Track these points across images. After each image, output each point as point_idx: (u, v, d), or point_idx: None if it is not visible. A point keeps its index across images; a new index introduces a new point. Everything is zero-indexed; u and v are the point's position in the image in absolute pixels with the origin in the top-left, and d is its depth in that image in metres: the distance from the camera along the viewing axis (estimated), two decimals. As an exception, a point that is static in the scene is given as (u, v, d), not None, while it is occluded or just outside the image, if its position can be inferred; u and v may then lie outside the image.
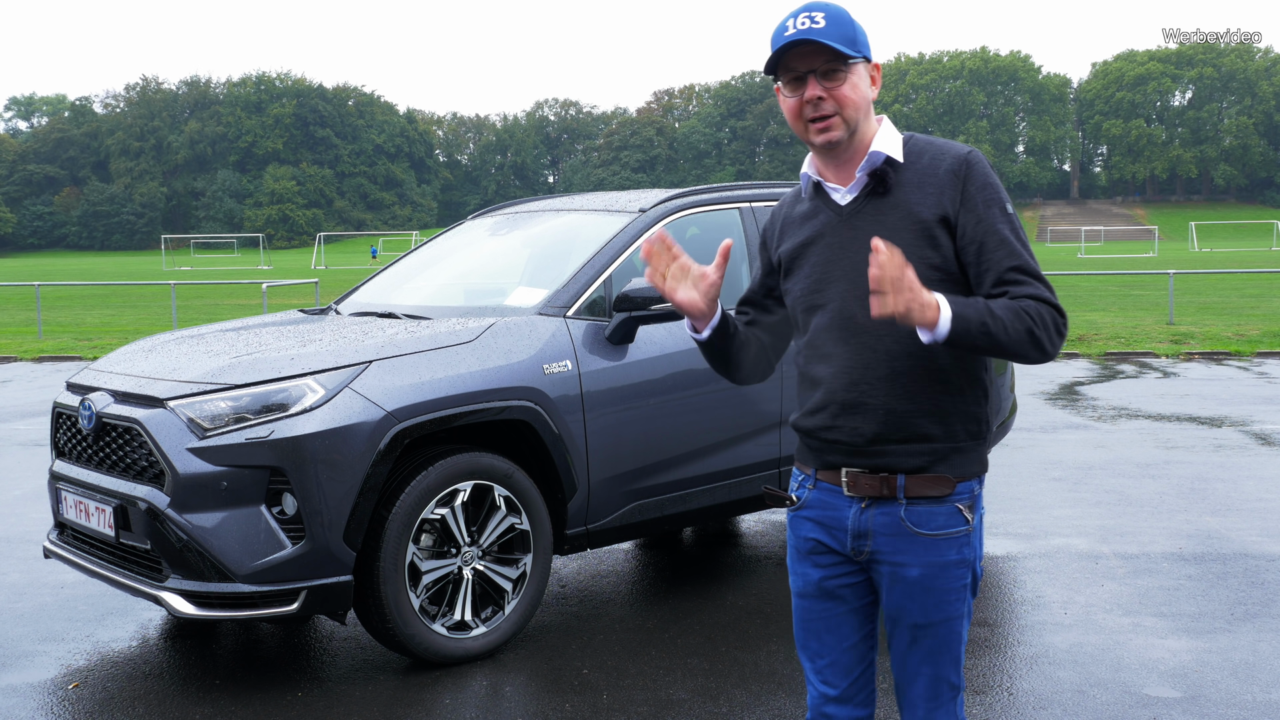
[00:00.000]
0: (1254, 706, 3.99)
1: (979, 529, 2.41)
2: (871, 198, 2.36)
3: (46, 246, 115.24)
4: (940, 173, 2.32)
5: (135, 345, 5.10)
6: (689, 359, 5.04)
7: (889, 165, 2.35)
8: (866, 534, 2.37)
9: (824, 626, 2.47)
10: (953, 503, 2.34)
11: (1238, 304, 22.35)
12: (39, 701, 4.22)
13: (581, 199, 5.93)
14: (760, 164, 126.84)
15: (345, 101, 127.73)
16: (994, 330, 2.18)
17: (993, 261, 2.27)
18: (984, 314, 2.19)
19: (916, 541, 2.33)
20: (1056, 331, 2.26)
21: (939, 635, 2.38)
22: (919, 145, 2.39)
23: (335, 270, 52.11)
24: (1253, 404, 10.70)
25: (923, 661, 2.40)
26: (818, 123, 2.33)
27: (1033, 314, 2.22)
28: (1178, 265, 37.65)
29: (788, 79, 2.34)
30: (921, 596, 2.35)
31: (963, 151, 2.34)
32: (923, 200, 2.31)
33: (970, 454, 2.36)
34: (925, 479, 2.32)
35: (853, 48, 2.30)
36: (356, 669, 4.48)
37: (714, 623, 4.93)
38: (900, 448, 2.32)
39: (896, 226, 2.31)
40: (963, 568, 2.37)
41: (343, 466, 4.11)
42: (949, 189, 2.30)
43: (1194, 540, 6.07)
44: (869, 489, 2.35)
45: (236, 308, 24.73)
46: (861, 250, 2.31)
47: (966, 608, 2.41)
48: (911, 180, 2.33)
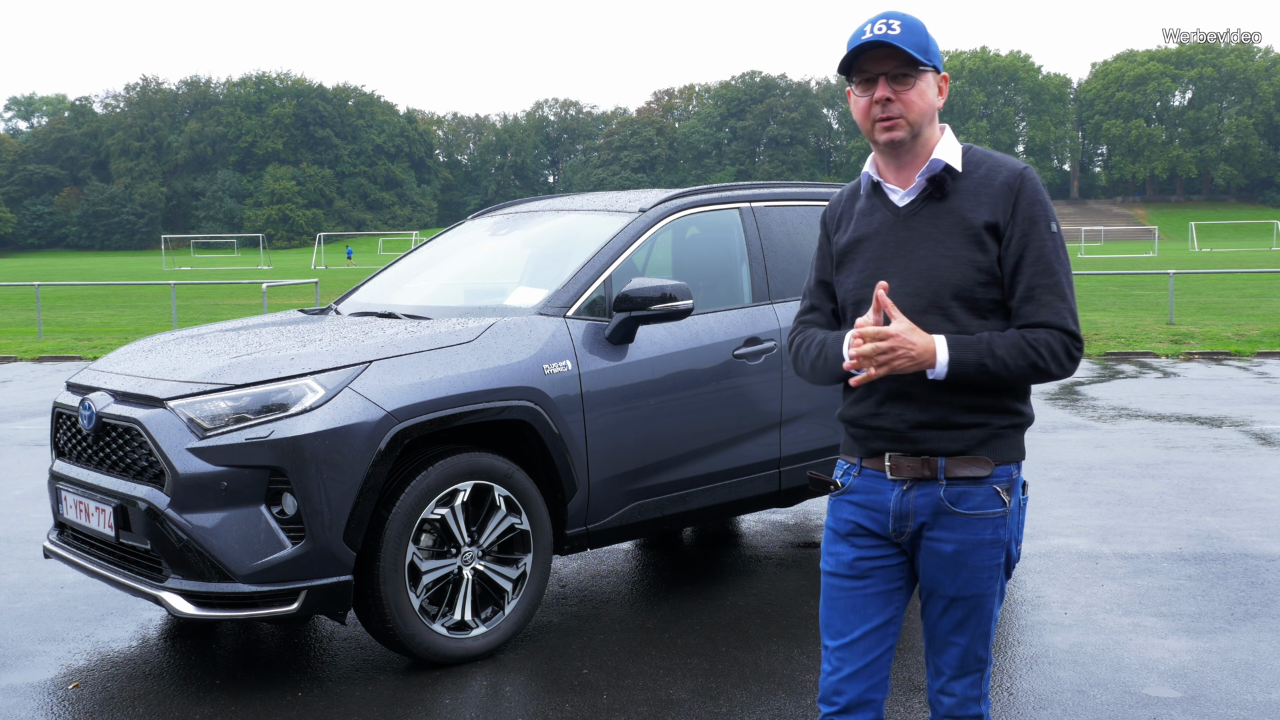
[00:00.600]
0: (1254, 706, 3.99)
1: (1017, 512, 2.53)
2: (928, 202, 2.51)
3: (46, 246, 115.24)
4: (995, 184, 2.47)
5: (135, 345, 5.10)
6: (689, 359, 5.04)
7: (947, 173, 2.51)
8: (908, 515, 2.51)
9: (849, 605, 2.58)
10: (990, 484, 2.48)
11: (1238, 304, 22.35)
12: (39, 701, 4.22)
13: (581, 199, 5.93)
14: (760, 164, 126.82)
15: (345, 101, 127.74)
16: (993, 369, 2.38)
17: (1026, 275, 2.43)
18: (983, 355, 2.38)
19: (954, 519, 2.48)
20: (1068, 356, 2.42)
21: (970, 609, 2.52)
22: (977, 156, 2.54)
23: (335, 270, 52.09)
24: (1253, 404, 10.70)
25: (952, 632, 2.55)
26: (884, 122, 2.48)
27: (1039, 346, 2.39)
28: (1178, 265, 37.65)
29: (860, 80, 2.50)
30: (955, 571, 2.50)
31: (1019, 167, 2.50)
32: (976, 208, 2.46)
33: (1008, 440, 2.49)
34: (964, 460, 2.46)
35: (925, 56, 2.46)
36: (356, 669, 4.48)
37: (714, 623, 4.93)
38: (942, 434, 2.46)
39: (950, 230, 2.47)
40: (996, 547, 2.50)
41: (343, 466, 4.11)
42: (1002, 200, 2.45)
43: (1194, 540, 6.07)
44: (910, 471, 2.49)
45: (236, 308, 24.73)
46: (915, 249, 2.49)
47: (999, 586, 2.54)
48: (968, 189, 2.49)
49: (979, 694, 2.59)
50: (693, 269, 5.54)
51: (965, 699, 2.58)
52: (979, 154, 2.54)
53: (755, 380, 5.23)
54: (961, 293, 2.43)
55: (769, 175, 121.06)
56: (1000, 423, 2.47)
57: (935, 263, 2.46)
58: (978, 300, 2.44)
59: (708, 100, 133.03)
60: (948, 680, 2.58)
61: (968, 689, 2.58)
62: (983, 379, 2.39)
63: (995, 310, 2.46)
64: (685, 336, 5.06)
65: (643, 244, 5.23)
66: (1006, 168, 2.49)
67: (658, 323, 4.90)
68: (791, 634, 4.77)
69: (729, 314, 5.27)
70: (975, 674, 2.58)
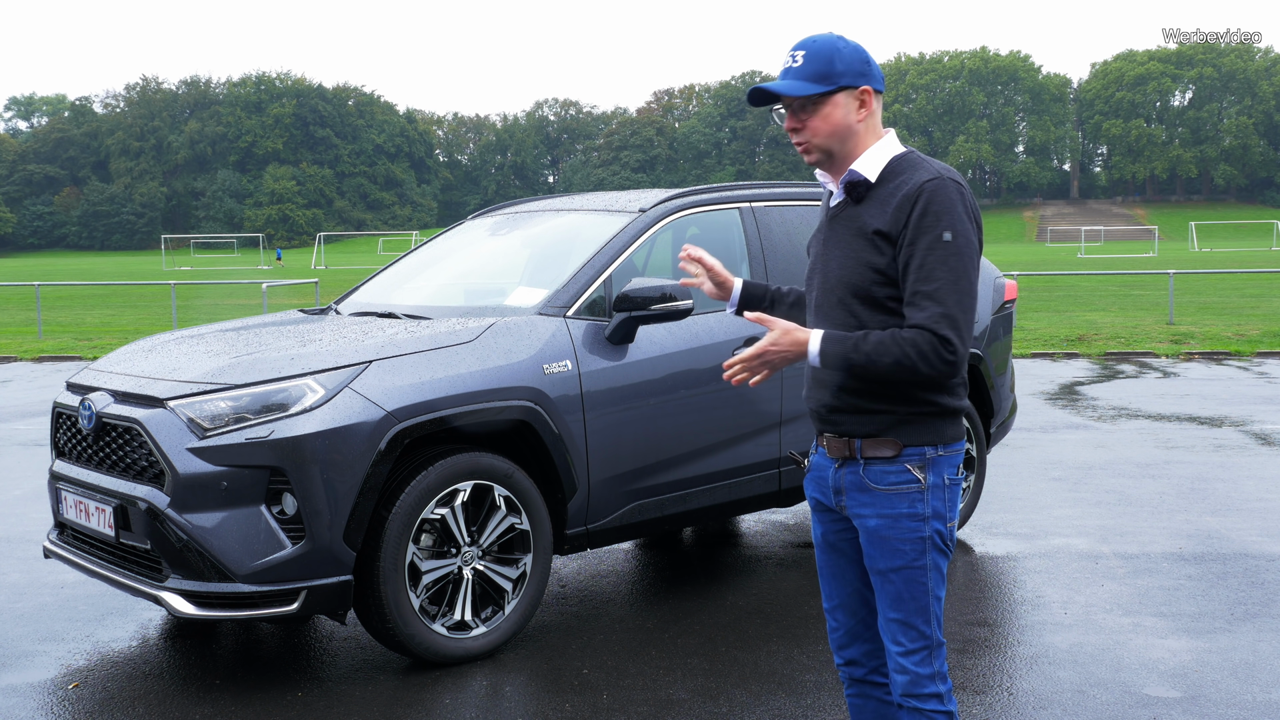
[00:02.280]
0: (1254, 706, 3.99)
1: (943, 491, 2.67)
2: (848, 206, 2.72)
3: (46, 246, 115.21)
4: (899, 195, 2.62)
5: (135, 345, 5.10)
6: (689, 359, 5.04)
7: (864, 183, 2.69)
8: (841, 490, 2.74)
9: (830, 573, 2.87)
10: (901, 463, 2.65)
11: (1238, 304, 22.35)
12: (39, 701, 4.22)
13: (581, 199, 5.93)
14: (760, 164, 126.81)
15: (345, 101, 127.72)
16: (857, 360, 2.57)
17: (910, 281, 2.59)
18: (849, 350, 2.57)
19: (874, 495, 2.67)
20: (936, 356, 2.53)
21: (901, 582, 2.66)
22: (903, 166, 2.67)
23: (335, 270, 52.11)
24: (1253, 404, 10.70)
25: (889, 607, 2.69)
26: (798, 146, 2.72)
27: (905, 344, 2.54)
28: (1178, 265, 37.65)
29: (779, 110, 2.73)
30: (880, 544, 2.67)
31: (924, 179, 2.60)
32: (876, 215, 2.64)
33: (918, 425, 2.65)
34: (875, 442, 2.67)
35: (824, 82, 2.62)
36: (356, 669, 4.48)
37: (714, 623, 4.93)
38: (852, 418, 2.69)
39: (855, 233, 2.68)
40: (916, 520, 2.65)
41: (343, 466, 4.11)
42: (900, 211, 2.60)
43: (1194, 540, 6.07)
44: (838, 450, 2.73)
45: (236, 308, 24.73)
46: (832, 250, 2.73)
47: (929, 561, 2.66)
48: (878, 197, 2.66)
49: (932, 671, 2.67)
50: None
51: (918, 677, 2.66)
52: (908, 163, 2.66)
53: (755, 380, 5.22)
54: (859, 291, 2.64)
55: (769, 175, 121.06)
56: (907, 409, 2.64)
57: (842, 263, 2.68)
58: (876, 298, 2.63)
59: (708, 100, 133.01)
60: (897, 657, 2.68)
61: (918, 666, 2.66)
62: (854, 370, 2.59)
63: (894, 308, 2.64)
64: (685, 336, 5.06)
65: (643, 244, 5.23)
66: (915, 179, 2.61)
67: (658, 323, 4.90)
68: (791, 634, 4.77)
69: (729, 314, 5.27)
70: (923, 651, 2.66)
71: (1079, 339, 16.15)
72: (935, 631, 2.68)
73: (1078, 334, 16.74)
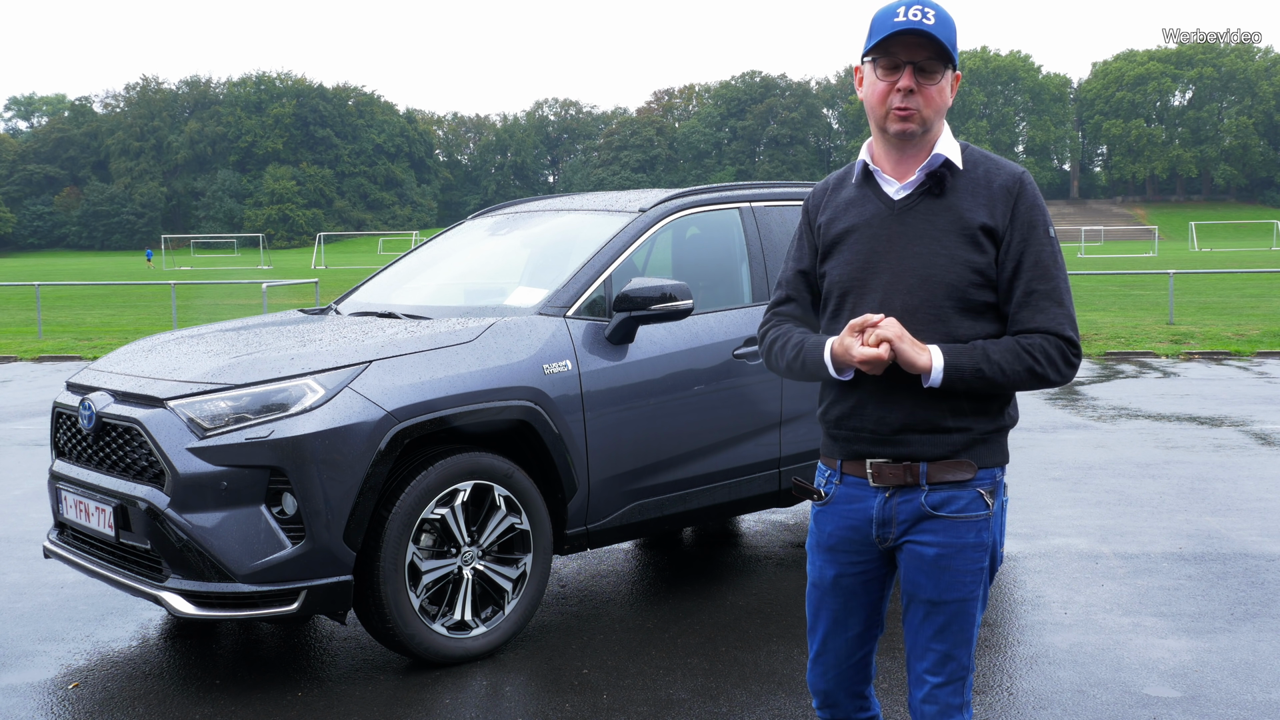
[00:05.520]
0: (1254, 706, 3.99)
1: (1000, 515, 2.50)
2: (925, 197, 2.44)
3: (46, 246, 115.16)
4: (994, 186, 2.42)
5: (135, 345, 5.10)
6: (689, 359, 5.04)
7: (947, 169, 2.44)
8: (890, 521, 2.46)
9: (833, 617, 2.60)
10: (974, 488, 2.43)
11: (1238, 304, 22.35)
12: (39, 701, 4.22)
13: (581, 199, 5.93)
14: (760, 164, 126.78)
15: (345, 101, 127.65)
16: (989, 374, 2.33)
17: (1024, 280, 2.39)
18: (979, 360, 2.33)
19: (937, 523, 2.43)
20: (1065, 362, 2.38)
21: (951, 614, 2.46)
22: (975, 156, 2.48)
23: (335, 270, 52.10)
24: (1253, 404, 10.70)
25: (933, 638, 2.49)
26: (900, 111, 2.39)
27: (1035, 351, 2.35)
28: (1178, 265, 37.64)
29: (885, 63, 2.39)
30: (937, 575, 2.44)
31: (1018, 171, 2.45)
32: (974, 207, 2.41)
33: (992, 444, 2.45)
34: (947, 465, 2.41)
35: (952, 52, 2.39)
36: (356, 669, 4.48)
37: (714, 623, 4.93)
38: (925, 438, 2.41)
39: (946, 228, 2.41)
40: (980, 550, 2.46)
41: (343, 466, 4.11)
42: (1000, 203, 2.40)
43: (1194, 540, 6.07)
44: (893, 479, 2.44)
45: (236, 308, 24.73)
46: (909, 245, 2.42)
47: (982, 591, 2.49)
48: (965, 187, 2.43)
49: (961, 702, 2.52)
50: (693, 269, 5.54)
51: (948, 706, 2.51)
52: (977, 154, 2.48)
53: (755, 380, 5.23)
54: (955, 293, 2.38)
55: (769, 175, 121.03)
56: (985, 427, 2.43)
57: (930, 260, 2.39)
58: (971, 301, 2.39)
59: (708, 100, 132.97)
60: (931, 689, 2.50)
61: (950, 696, 2.50)
62: (979, 385, 2.34)
63: (987, 312, 2.42)
64: (685, 336, 5.06)
65: (643, 244, 5.23)
66: (1005, 170, 2.44)
67: (658, 323, 4.90)
68: (791, 634, 4.77)
69: (729, 314, 5.27)
70: (958, 681, 2.51)
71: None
72: (971, 660, 2.52)
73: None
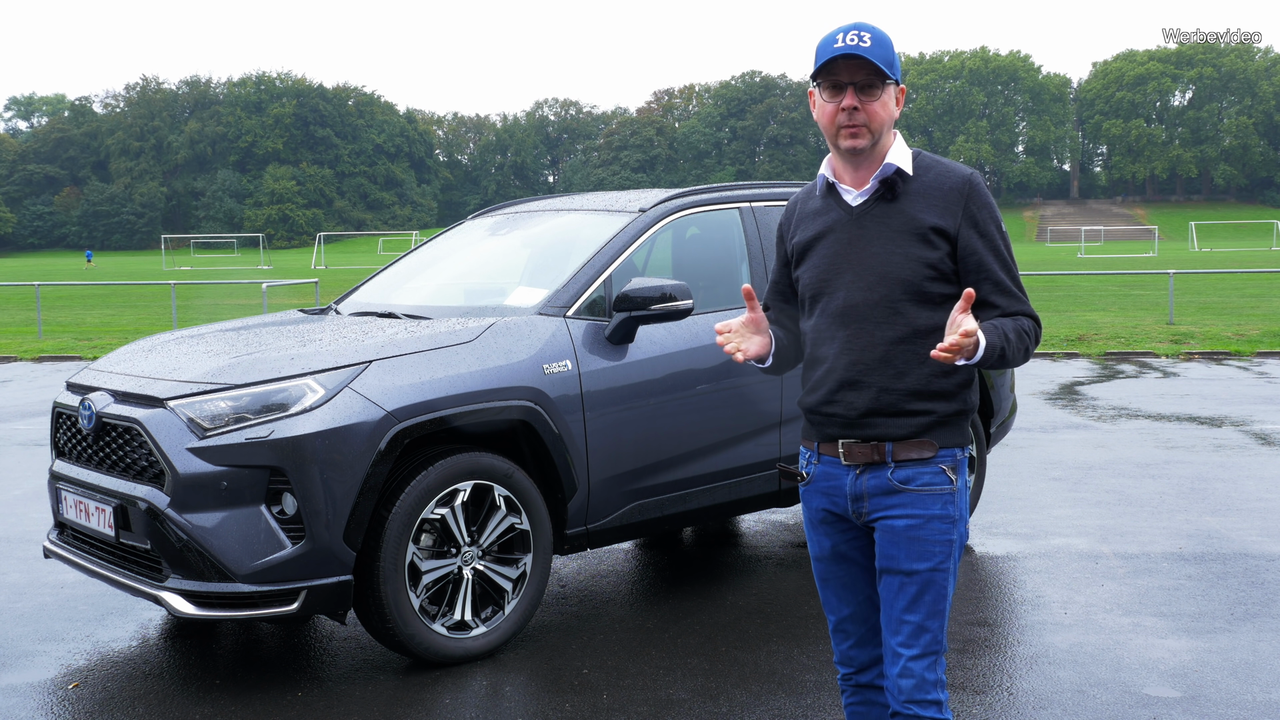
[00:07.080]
0: (1254, 706, 3.99)
1: (963, 494, 2.68)
2: (880, 202, 2.67)
3: (46, 246, 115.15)
4: (945, 189, 2.64)
5: (135, 345, 5.10)
6: (689, 359, 5.04)
7: (899, 176, 2.67)
8: (862, 496, 2.68)
9: (842, 584, 2.82)
10: (936, 464, 2.64)
11: (1238, 304, 22.35)
12: (39, 701, 4.22)
13: (581, 199, 5.93)
14: (760, 164, 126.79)
15: (345, 101, 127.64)
16: (1008, 353, 2.56)
17: (989, 274, 2.63)
18: (1002, 339, 2.53)
19: (905, 495, 2.63)
20: (1036, 339, 2.66)
21: (922, 583, 2.63)
22: (926, 162, 2.70)
23: (335, 270, 52.11)
24: (1253, 404, 10.70)
25: (906, 609, 2.64)
26: (849, 129, 2.62)
27: (1029, 332, 2.62)
28: (1178, 265, 37.64)
29: (829, 85, 2.63)
30: (908, 545, 2.63)
31: (966, 173, 2.66)
32: (925, 209, 2.63)
33: (953, 427, 2.66)
34: (910, 444, 2.63)
35: (890, 70, 2.61)
36: (356, 669, 4.48)
37: (714, 623, 4.93)
38: (890, 420, 2.63)
39: (899, 229, 2.64)
40: (947, 523, 2.64)
41: (343, 466, 4.11)
42: (952, 204, 2.62)
43: (1194, 540, 6.07)
44: (862, 456, 2.66)
45: (236, 308, 24.73)
46: (867, 246, 2.65)
47: (952, 565, 2.66)
48: (917, 191, 2.65)
49: (936, 678, 2.64)
50: (693, 269, 5.54)
51: (924, 681, 2.63)
52: (927, 159, 2.69)
53: (755, 380, 5.23)
54: (911, 287, 2.61)
55: (769, 175, 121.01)
56: (945, 410, 2.63)
57: (887, 259, 2.62)
58: (927, 293, 2.61)
59: (708, 100, 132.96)
60: (905, 661, 2.63)
61: (925, 670, 2.63)
62: (997, 363, 2.54)
63: (945, 304, 2.62)
64: (685, 336, 5.06)
65: (643, 244, 5.23)
66: (955, 173, 2.65)
67: (658, 323, 4.90)
68: (791, 634, 4.77)
69: (729, 314, 5.27)
70: (932, 655, 2.64)
71: (1079, 339, 16.15)
72: (943, 637, 2.67)
73: (1078, 334, 16.73)
